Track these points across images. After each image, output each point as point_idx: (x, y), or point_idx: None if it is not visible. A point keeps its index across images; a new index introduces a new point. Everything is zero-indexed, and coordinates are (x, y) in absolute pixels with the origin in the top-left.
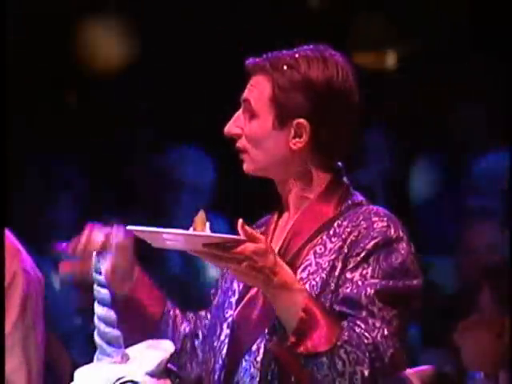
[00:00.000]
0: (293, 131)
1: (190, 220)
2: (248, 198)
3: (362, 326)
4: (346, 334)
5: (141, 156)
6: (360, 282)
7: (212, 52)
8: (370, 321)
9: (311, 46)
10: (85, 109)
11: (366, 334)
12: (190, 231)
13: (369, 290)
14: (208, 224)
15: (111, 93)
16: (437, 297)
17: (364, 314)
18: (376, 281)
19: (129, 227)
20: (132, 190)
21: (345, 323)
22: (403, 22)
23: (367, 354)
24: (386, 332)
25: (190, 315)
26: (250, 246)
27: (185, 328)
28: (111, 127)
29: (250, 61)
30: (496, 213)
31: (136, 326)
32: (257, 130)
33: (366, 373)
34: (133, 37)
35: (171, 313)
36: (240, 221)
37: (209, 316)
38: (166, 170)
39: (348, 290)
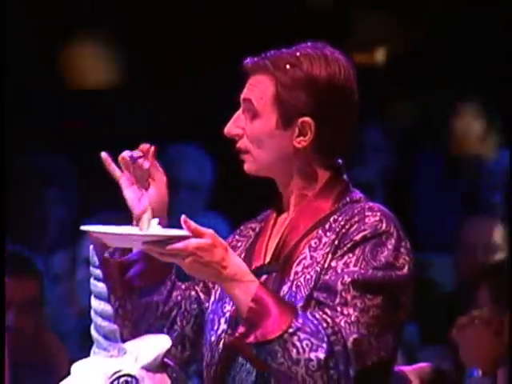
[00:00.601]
0: (297, 130)
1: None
2: (246, 196)
3: (328, 312)
4: (300, 320)
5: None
6: (339, 270)
7: (210, 50)
8: (339, 308)
9: (310, 44)
10: (83, 106)
11: (329, 319)
12: (130, 229)
13: (346, 277)
14: (156, 221)
15: (109, 92)
16: (435, 294)
17: (337, 300)
18: (355, 269)
19: (82, 227)
20: None
21: (309, 310)
22: (401, 19)
23: (325, 339)
24: (352, 319)
25: (180, 285)
26: (192, 242)
27: (176, 296)
28: (111, 126)
29: (248, 60)
30: (495, 211)
31: (144, 284)
32: (260, 129)
33: (322, 357)
34: (132, 36)
35: (172, 277)
36: (183, 216)
37: (198, 292)
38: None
39: (327, 277)
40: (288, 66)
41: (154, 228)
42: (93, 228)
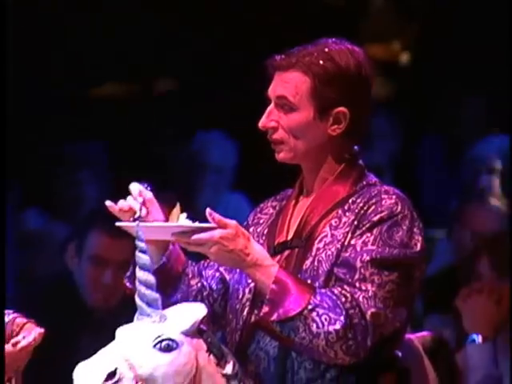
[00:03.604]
0: (331, 119)
1: (213, 198)
2: (267, 177)
3: (347, 288)
4: (319, 297)
5: (171, 141)
6: (359, 248)
7: (233, 48)
8: (358, 284)
9: (329, 40)
10: (122, 100)
11: (348, 294)
12: (161, 223)
13: (365, 255)
14: (184, 215)
15: (142, 82)
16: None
17: (356, 276)
18: (373, 247)
19: (117, 223)
20: (163, 170)
21: (330, 287)
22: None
23: (343, 312)
24: (370, 294)
25: (195, 269)
26: (217, 232)
27: (196, 283)
28: (146, 119)
29: (277, 58)
30: (492, 190)
31: (166, 286)
32: (297, 122)
33: (340, 328)
34: (161, 34)
35: (187, 270)
36: (208, 210)
37: (222, 273)
38: (193, 153)
39: (347, 254)
40: (322, 62)
41: (182, 221)
42: (127, 223)
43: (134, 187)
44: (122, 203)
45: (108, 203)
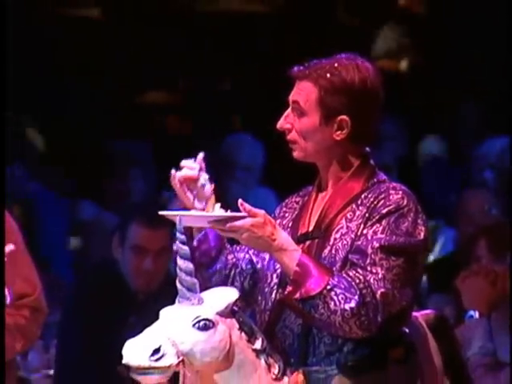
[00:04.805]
0: (336, 126)
1: (243, 193)
2: (291, 175)
3: (360, 271)
4: (336, 279)
5: (204, 141)
6: (370, 237)
7: (257, 61)
8: (369, 267)
9: (344, 55)
10: (158, 106)
11: (361, 276)
12: (199, 212)
13: (375, 243)
14: (219, 205)
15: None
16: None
17: (367, 261)
18: (382, 236)
19: (160, 212)
20: None
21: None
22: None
23: (358, 292)
24: (379, 276)
25: (233, 249)
26: (248, 221)
27: (232, 258)
28: (184, 124)
29: (296, 69)
30: (490, 185)
31: (208, 254)
32: (306, 126)
33: (354, 306)
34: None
35: (226, 245)
36: (239, 200)
37: (251, 255)
38: (224, 154)
39: (359, 242)
40: (329, 75)
41: (217, 210)
42: (169, 212)
43: (187, 161)
44: (180, 174)
45: (173, 172)
